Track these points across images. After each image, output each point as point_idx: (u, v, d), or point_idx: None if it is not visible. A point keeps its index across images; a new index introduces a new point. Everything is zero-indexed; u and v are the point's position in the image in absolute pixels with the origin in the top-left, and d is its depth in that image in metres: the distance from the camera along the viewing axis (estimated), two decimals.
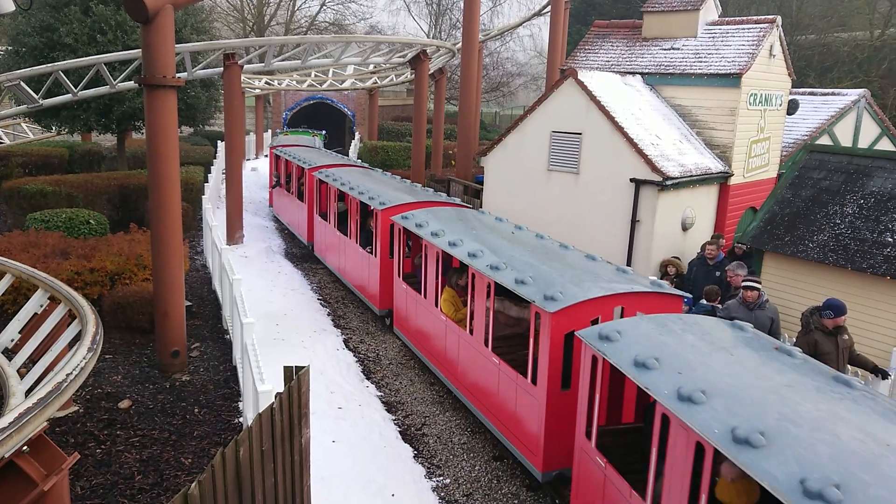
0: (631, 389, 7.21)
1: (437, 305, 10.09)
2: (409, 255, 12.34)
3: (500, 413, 8.45)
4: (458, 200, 13.60)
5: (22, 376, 7.36)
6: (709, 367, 5.50)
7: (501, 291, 8.77)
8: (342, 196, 14.76)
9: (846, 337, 8.61)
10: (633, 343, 6.02)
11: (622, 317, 7.45)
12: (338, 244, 15.14)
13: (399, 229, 11.78)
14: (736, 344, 6.03)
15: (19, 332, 7.85)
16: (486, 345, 8.58)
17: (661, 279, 12.02)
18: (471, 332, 8.99)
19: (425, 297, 10.58)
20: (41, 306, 7.95)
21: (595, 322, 7.23)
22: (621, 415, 7.37)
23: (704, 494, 4.82)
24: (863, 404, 4.96)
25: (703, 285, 11.21)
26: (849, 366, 8.78)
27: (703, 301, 10.50)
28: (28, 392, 6.91)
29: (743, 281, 9.62)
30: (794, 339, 9.03)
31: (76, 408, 8.99)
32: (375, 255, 12.82)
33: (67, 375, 5.08)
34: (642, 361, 5.63)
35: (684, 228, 12.99)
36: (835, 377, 5.42)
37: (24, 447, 4.76)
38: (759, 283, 9.50)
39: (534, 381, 7.54)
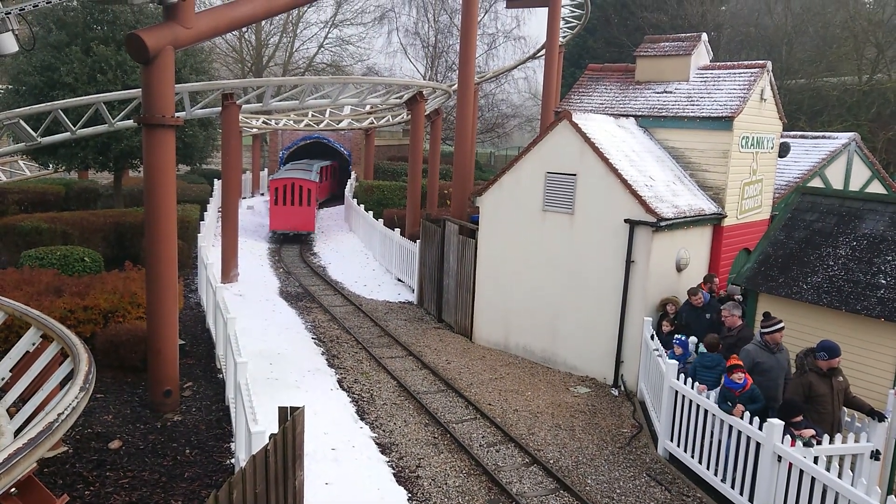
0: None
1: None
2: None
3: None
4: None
5: (11, 415, 7.28)
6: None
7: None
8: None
9: (841, 379, 8.58)
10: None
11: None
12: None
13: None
14: None
15: (10, 371, 7.79)
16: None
17: (661, 317, 11.99)
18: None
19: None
20: (33, 344, 7.90)
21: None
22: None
23: None
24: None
25: (694, 328, 11.13)
26: (845, 408, 8.73)
27: (705, 350, 10.23)
28: (17, 432, 6.84)
29: (766, 325, 9.12)
30: (790, 381, 8.97)
31: (66, 448, 8.85)
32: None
33: (59, 415, 5.03)
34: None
35: (679, 269, 13.05)
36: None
37: (13, 489, 4.69)
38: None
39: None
